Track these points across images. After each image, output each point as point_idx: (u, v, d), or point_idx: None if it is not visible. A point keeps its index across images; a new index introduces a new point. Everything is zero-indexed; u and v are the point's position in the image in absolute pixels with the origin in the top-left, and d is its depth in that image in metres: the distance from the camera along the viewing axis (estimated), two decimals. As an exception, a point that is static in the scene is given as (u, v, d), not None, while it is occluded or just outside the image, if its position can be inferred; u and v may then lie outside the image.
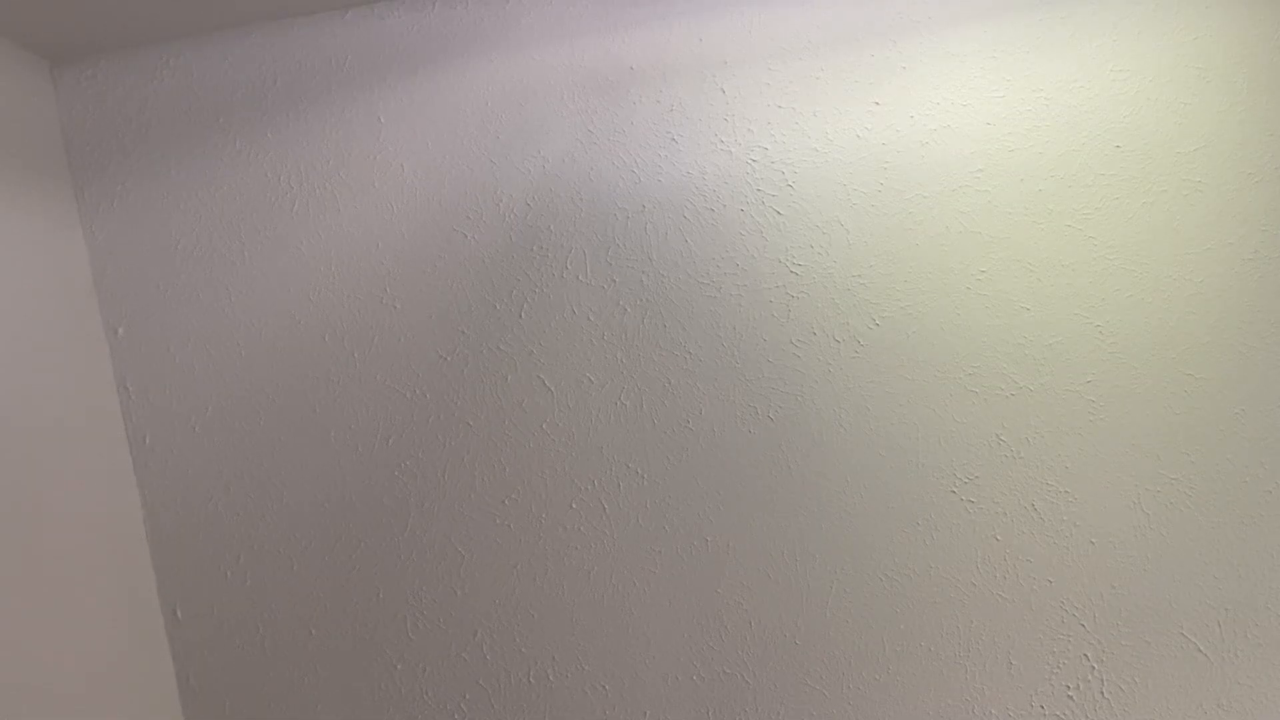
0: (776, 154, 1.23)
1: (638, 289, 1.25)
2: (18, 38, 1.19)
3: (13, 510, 1.05)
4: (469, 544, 1.26)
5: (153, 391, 1.28)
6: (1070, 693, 1.23)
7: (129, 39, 1.25)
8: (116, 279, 1.28)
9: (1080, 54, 1.21)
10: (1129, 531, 1.22)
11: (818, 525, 1.24)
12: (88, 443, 1.20)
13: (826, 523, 1.24)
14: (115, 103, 1.28)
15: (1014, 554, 1.23)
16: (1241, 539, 1.21)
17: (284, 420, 1.27)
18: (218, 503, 1.28)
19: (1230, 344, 1.21)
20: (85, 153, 1.28)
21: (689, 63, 1.24)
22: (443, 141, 1.26)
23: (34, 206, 1.19)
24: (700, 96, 1.24)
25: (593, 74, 1.25)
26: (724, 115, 1.24)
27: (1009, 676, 1.24)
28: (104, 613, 1.17)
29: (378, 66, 1.27)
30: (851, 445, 1.24)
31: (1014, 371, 1.22)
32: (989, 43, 1.21)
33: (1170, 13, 1.20)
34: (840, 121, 1.23)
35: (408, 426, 1.27)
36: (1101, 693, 1.23)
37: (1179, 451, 1.21)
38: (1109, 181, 1.21)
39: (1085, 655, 1.23)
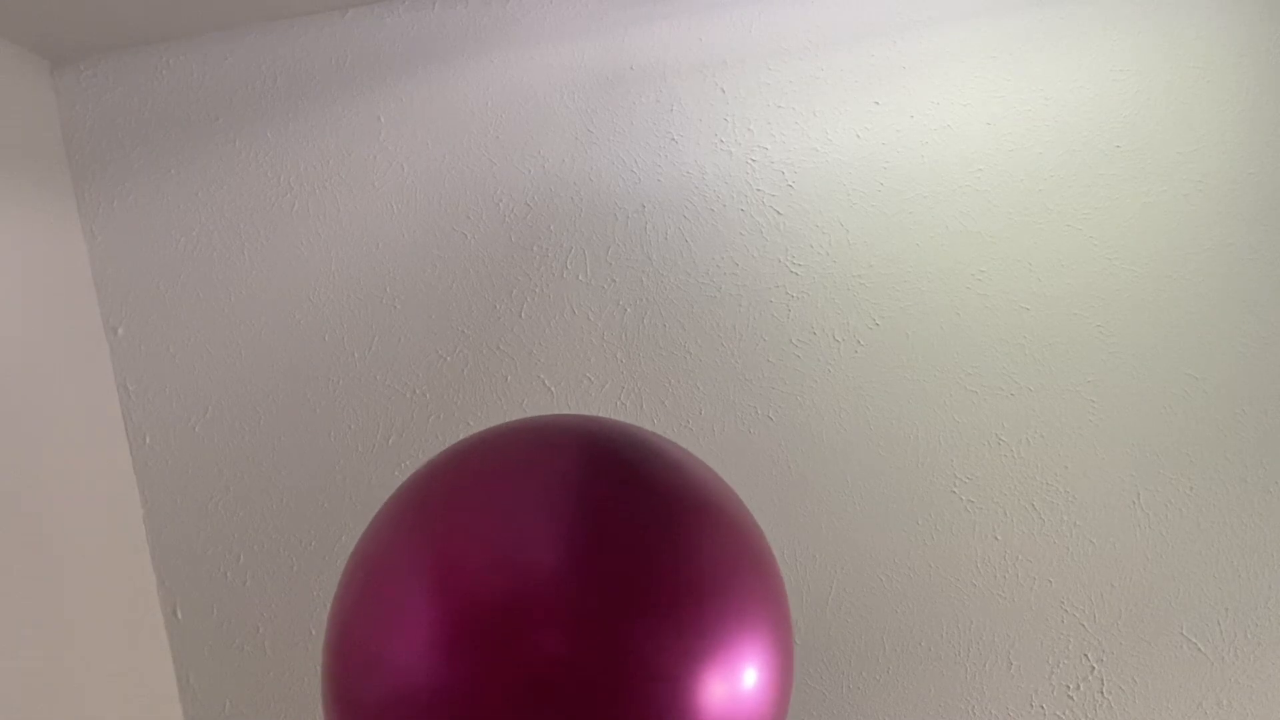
0: (776, 154, 1.23)
1: (638, 289, 1.25)
2: (18, 38, 1.19)
3: (12, 510, 1.05)
4: (469, 544, 1.26)
5: (153, 391, 1.28)
6: (1070, 693, 1.23)
7: (129, 39, 1.25)
8: (116, 279, 1.28)
9: (1080, 54, 1.21)
10: (1129, 531, 1.22)
11: (818, 525, 1.24)
12: (88, 443, 1.20)
13: (826, 522, 1.24)
14: (115, 103, 1.28)
15: (1014, 554, 1.23)
16: (1241, 539, 1.21)
17: (284, 420, 1.27)
18: (218, 503, 1.28)
19: (1230, 344, 1.20)
20: (85, 153, 1.28)
21: (689, 63, 1.24)
22: (443, 141, 1.26)
23: (34, 206, 1.19)
24: (700, 96, 1.24)
25: (593, 74, 1.25)
26: (724, 115, 1.24)
27: (1009, 676, 1.24)
28: (104, 613, 1.17)
29: (378, 66, 1.27)
30: (851, 445, 1.24)
31: (1014, 371, 1.22)
32: (989, 43, 1.21)
33: (1170, 13, 1.20)
34: (840, 121, 1.23)
35: (408, 426, 1.27)
36: (1101, 692, 1.23)
37: (1179, 451, 1.21)
38: (1109, 181, 1.21)
39: (1085, 655, 1.23)
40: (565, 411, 1.25)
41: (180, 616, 1.28)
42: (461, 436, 1.27)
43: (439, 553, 0.54)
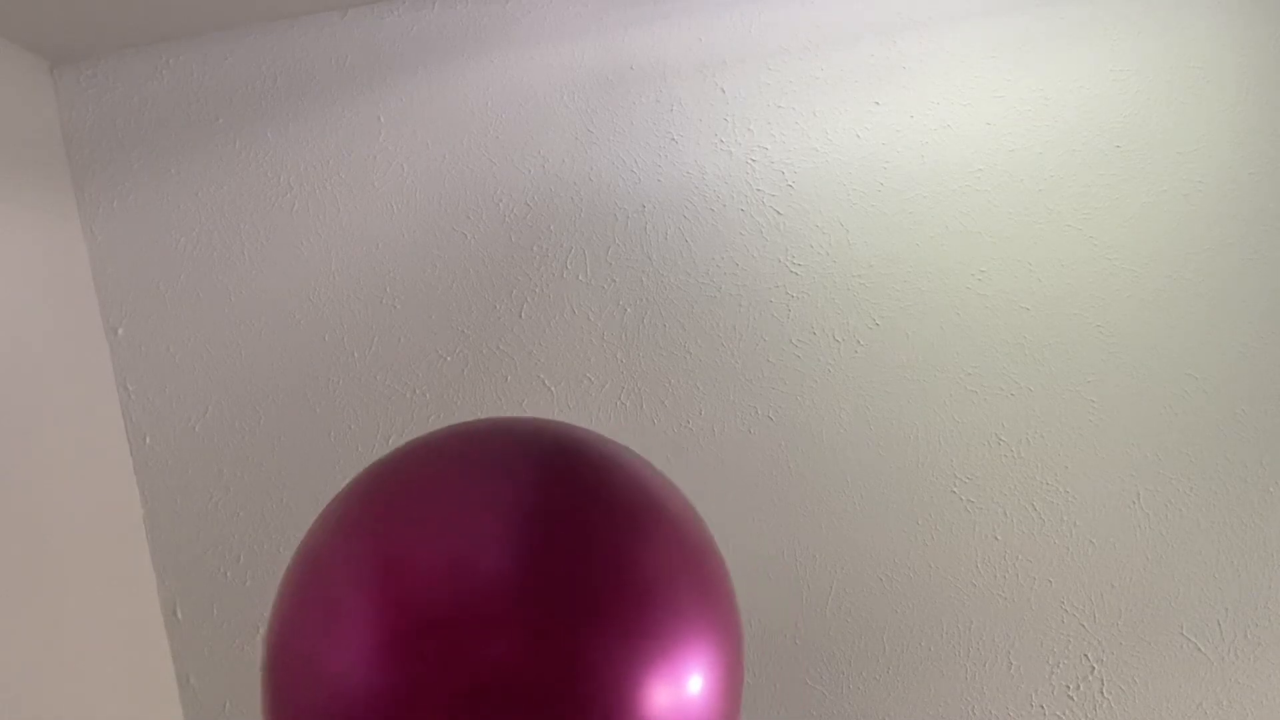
0: (776, 154, 1.23)
1: (638, 289, 1.25)
2: (18, 38, 1.19)
3: (12, 510, 1.04)
4: (469, 544, 1.26)
5: (153, 391, 1.28)
6: (1070, 693, 1.23)
7: (129, 39, 1.25)
8: (116, 279, 1.28)
9: (1080, 54, 1.21)
10: (1129, 531, 1.22)
11: (818, 525, 1.24)
12: (88, 443, 1.20)
13: (826, 522, 1.24)
14: (115, 103, 1.28)
15: (1014, 554, 1.23)
16: (1241, 539, 1.21)
17: (284, 420, 1.27)
18: (218, 503, 1.28)
19: (1230, 344, 1.21)
20: (85, 153, 1.28)
21: (689, 62, 1.24)
22: (443, 141, 1.26)
23: (34, 206, 1.19)
24: (700, 96, 1.24)
25: (593, 74, 1.25)
26: (724, 115, 1.24)
27: (1009, 676, 1.24)
28: (104, 613, 1.17)
29: (378, 66, 1.27)
30: (851, 445, 1.24)
31: (1014, 371, 1.22)
32: (989, 43, 1.21)
33: (1170, 13, 1.20)
34: (840, 121, 1.23)
35: (408, 426, 1.27)
36: (1101, 692, 1.23)
37: (1179, 451, 1.21)
38: (1109, 181, 1.21)
39: (1085, 655, 1.23)
40: (565, 412, 1.25)
41: (180, 616, 1.28)
42: (461, 436, 1.27)
43: (382, 553, 0.52)
